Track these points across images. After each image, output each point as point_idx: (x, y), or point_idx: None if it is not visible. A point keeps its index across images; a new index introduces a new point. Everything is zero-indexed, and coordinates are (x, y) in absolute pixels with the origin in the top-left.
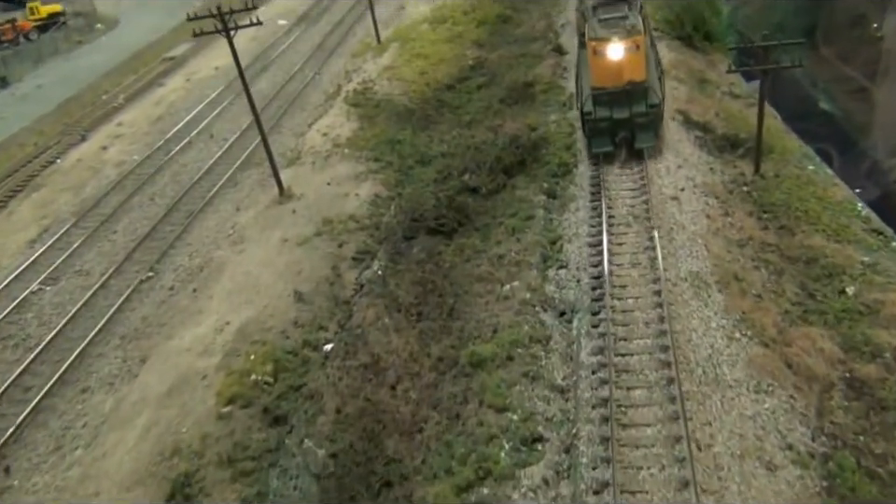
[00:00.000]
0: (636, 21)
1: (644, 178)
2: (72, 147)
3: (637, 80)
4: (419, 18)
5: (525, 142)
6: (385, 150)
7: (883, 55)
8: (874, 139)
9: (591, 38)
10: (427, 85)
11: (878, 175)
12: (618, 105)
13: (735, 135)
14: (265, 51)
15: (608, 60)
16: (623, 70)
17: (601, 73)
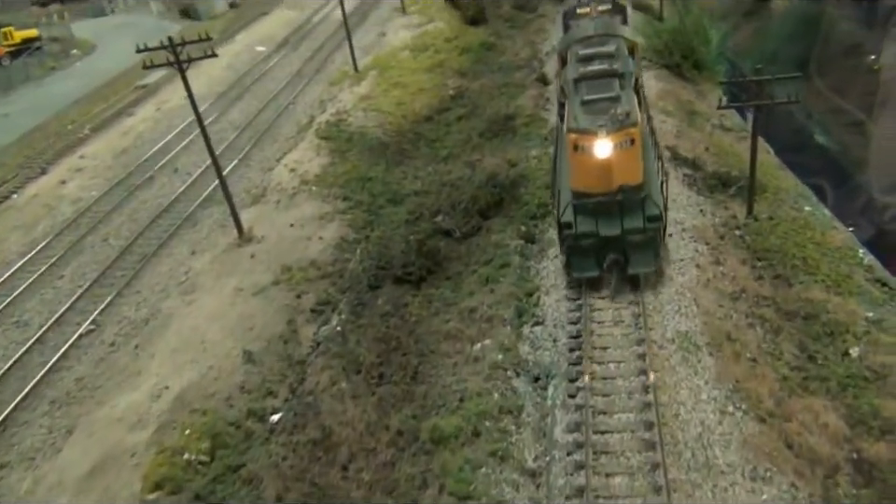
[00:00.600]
0: (629, 104)
1: None
2: (30, 181)
3: (632, 185)
4: (400, 45)
5: (504, 180)
6: (355, 188)
7: (880, 87)
8: (869, 175)
9: (571, 130)
10: (405, 117)
11: (873, 212)
12: (606, 217)
13: (727, 173)
14: (240, 79)
15: (593, 160)
16: (612, 172)
17: (584, 175)
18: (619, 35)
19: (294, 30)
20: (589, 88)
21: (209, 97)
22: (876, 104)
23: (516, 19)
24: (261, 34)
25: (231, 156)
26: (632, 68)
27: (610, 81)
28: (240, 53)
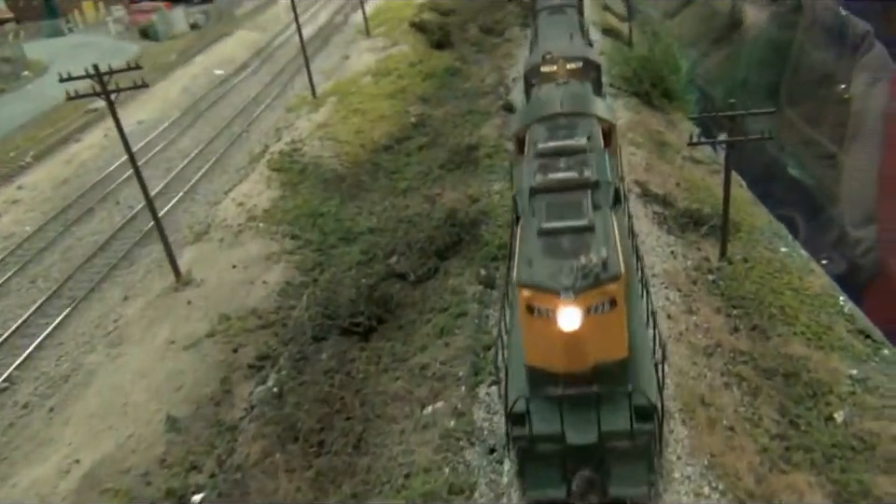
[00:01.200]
0: (606, 240)
1: None
2: None
3: (613, 361)
4: (363, 69)
5: (463, 217)
6: (306, 225)
7: (850, 118)
8: (841, 208)
9: (523, 284)
10: (363, 146)
11: (846, 246)
12: (576, 411)
13: (699, 210)
14: (196, 103)
15: (555, 330)
16: (583, 348)
17: (543, 349)
18: (592, 115)
19: (255, 52)
20: (550, 208)
21: (162, 121)
22: (847, 136)
23: (483, 43)
24: (221, 56)
25: (177, 187)
26: (608, 172)
27: (580, 198)
28: (197, 76)
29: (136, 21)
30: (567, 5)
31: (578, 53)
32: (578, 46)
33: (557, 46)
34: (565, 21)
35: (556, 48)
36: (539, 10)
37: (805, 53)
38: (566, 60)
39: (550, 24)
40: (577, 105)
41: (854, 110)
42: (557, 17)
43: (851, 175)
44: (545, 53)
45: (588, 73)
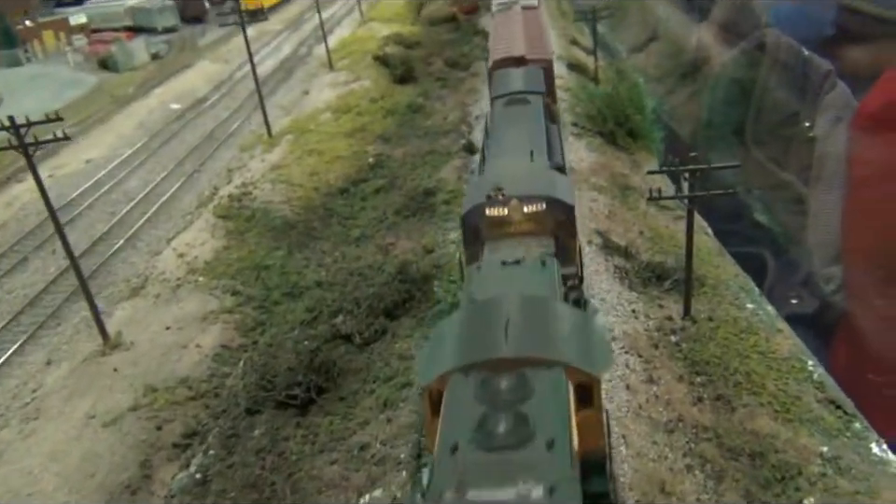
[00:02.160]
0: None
1: None
2: None
3: None
4: (322, 105)
5: (415, 272)
6: (249, 279)
7: (815, 160)
8: (810, 247)
9: None
10: (316, 189)
11: (815, 285)
12: None
13: (662, 264)
14: (149, 141)
15: None
16: None
17: None
18: (560, 363)
19: (215, 86)
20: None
21: (112, 160)
22: (812, 176)
23: (448, 77)
24: (180, 89)
25: (118, 234)
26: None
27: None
28: (153, 110)
29: (95, 52)
30: (532, 91)
31: (540, 188)
32: (541, 171)
33: (512, 170)
34: (527, 118)
35: (510, 174)
36: (494, 98)
37: (769, 92)
38: (521, 200)
39: (506, 123)
40: (535, 339)
41: (818, 152)
42: (517, 111)
43: (817, 215)
44: (493, 189)
45: (554, 218)
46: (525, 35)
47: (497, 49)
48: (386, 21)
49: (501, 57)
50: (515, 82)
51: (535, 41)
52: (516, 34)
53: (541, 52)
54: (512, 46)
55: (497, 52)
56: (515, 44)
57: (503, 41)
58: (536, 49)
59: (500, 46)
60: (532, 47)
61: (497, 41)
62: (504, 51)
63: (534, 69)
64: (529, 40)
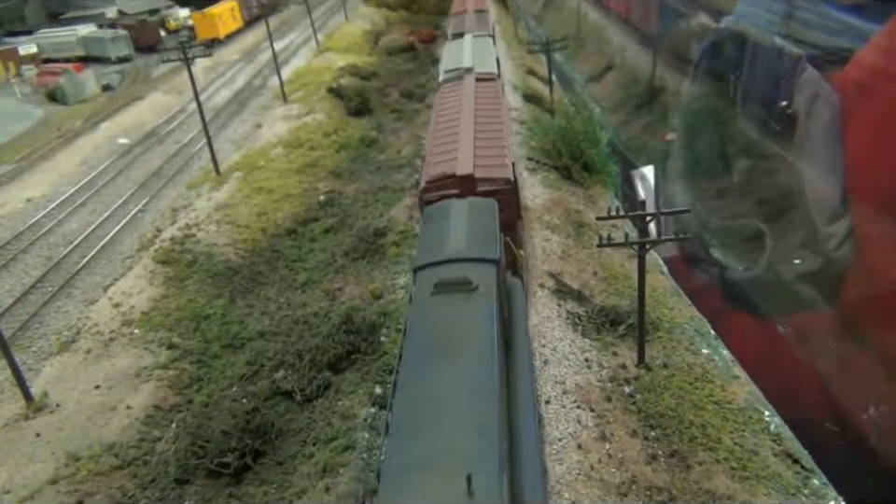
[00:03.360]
0: None
1: None
2: None
3: None
4: (274, 140)
5: (360, 322)
6: (187, 330)
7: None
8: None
9: None
10: (264, 230)
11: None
12: None
13: (616, 307)
14: (93, 178)
15: None
16: None
17: None
18: None
19: (166, 119)
20: None
21: (53, 199)
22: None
23: (404, 109)
24: (129, 122)
25: (53, 280)
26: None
27: None
28: (99, 146)
29: (44, 83)
30: (479, 258)
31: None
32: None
33: None
34: (467, 354)
35: None
36: (416, 272)
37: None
38: None
39: (424, 369)
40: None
41: (801, 128)
42: (449, 320)
43: (813, 181)
44: None
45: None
46: (476, 136)
47: (433, 161)
48: (343, 52)
49: (437, 176)
50: (452, 239)
51: (492, 145)
52: (463, 132)
53: (499, 167)
54: (458, 155)
55: (433, 166)
56: (461, 153)
57: (444, 144)
58: (492, 161)
59: (438, 152)
60: (487, 158)
61: (435, 142)
62: (442, 166)
63: (485, 204)
64: (484, 144)
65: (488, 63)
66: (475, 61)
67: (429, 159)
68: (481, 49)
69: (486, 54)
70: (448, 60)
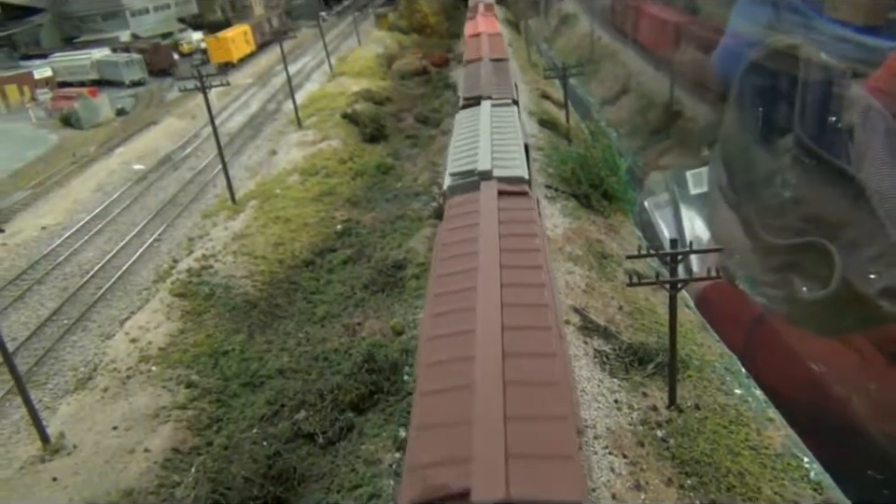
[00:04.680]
0: None
1: None
2: None
3: None
4: (289, 167)
5: (383, 361)
6: (205, 367)
7: (857, 147)
8: (878, 224)
9: None
10: (281, 262)
11: (892, 255)
12: None
13: (643, 344)
14: (108, 206)
15: None
16: None
17: None
18: None
19: (181, 144)
20: None
21: (68, 227)
22: (858, 164)
23: (419, 135)
24: (144, 148)
25: (69, 312)
26: None
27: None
28: (114, 172)
29: (58, 108)
30: None
31: None
32: None
33: None
34: None
35: None
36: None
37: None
38: None
39: None
40: None
41: (857, 139)
42: None
43: (882, 191)
44: None
45: None
46: (505, 322)
47: (429, 387)
48: (356, 76)
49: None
50: None
51: (530, 346)
52: (482, 310)
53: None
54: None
55: (427, 435)
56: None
57: (449, 325)
58: (535, 393)
59: (438, 356)
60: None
61: (435, 312)
62: (442, 436)
63: None
64: (517, 343)
65: (514, 159)
66: (496, 154)
67: (424, 361)
68: (503, 133)
69: (511, 140)
70: (458, 149)
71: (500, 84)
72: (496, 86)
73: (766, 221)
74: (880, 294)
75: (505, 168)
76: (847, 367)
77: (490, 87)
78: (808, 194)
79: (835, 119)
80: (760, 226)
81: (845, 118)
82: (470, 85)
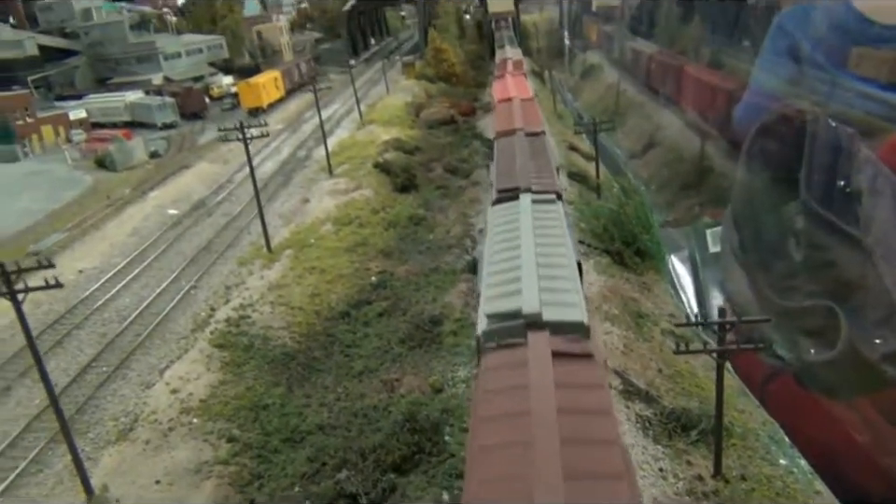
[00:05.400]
0: None
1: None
2: None
3: None
4: (322, 215)
5: (424, 420)
6: (246, 421)
7: (867, 213)
8: (883, 290)
9: None
10: (318, 313)
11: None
12: None
13: (686, 410)
14: (144, 250)
15: None
16: None
17: None
18: None
19: (213, 189)
20: None
21: (105, 271)
22: (865, 230)
23: (449, 185)
24: (177, 192)
25: (109, 360)
26: None
27: None
28: (149, 216)
29: (93, 150)
30: None
31: None
32: None
33: None
34: None
35: None
36: None
37: (791, 197)
38: None
39: None
40: None
41: (866, 206)
42: None
43: (887, 255)
44: None
45: None
46: None
47: None
48: (385, 124)
49: None
50: None
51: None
52: None
53: None
54: None
55: None
56: None
57: None
58: None
59: None
60: None
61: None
62: None
63: None
64: None
65: (568, 289)
66: (544, 282)
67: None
68: (550, 245)
69: (561, 258)
70: (495, 269)
71: (540, 170)
72: (535, 173)
73: (776, 283)
74: (883, 359)
75: (558, 306)
76: (852, 432)
77: (528, 174)
78: (817, 257)
79: (844, 182)
80: (769, 287)
81: (853, 181)
82: (505, 171)
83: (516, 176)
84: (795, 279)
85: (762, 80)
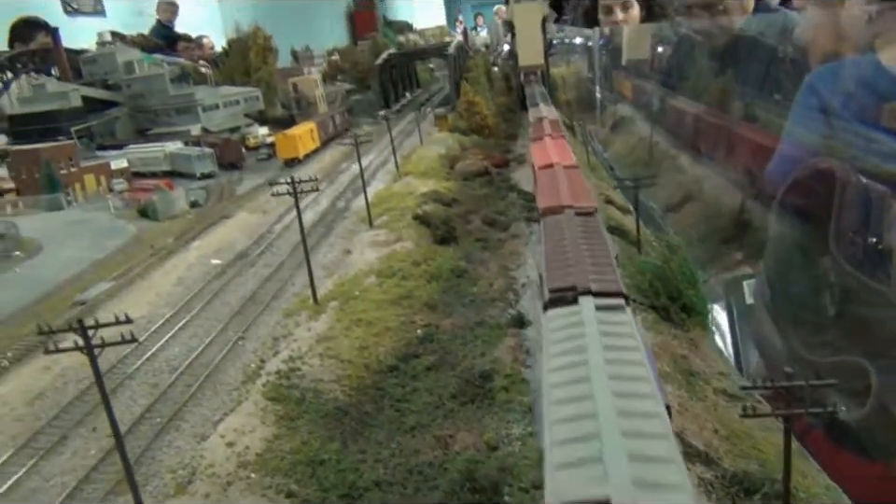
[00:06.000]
0: None
1: None
2: None
3: None
4: (366, 268)
5: (482, 479)
6: (304, 476)
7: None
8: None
9: None
10: (367, 366)
11: None
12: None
13: (746, 472)
14: (190, 300)
15: None
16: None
17: None
18: None
19: (255, 240)
20: None
21: (153, 321)
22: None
23: (488, 238)
24: (219, 242)
25: (162, 411)
26: None
27: None
28: (193, 266)
29: (135, 199)
30: None
31: None
32: None
33: None
34: None
35: None
36: None
37: (823, 254)
38: None
39: None
40: None
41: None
42: None
43: None
44: None
45: None
46: None
47: None
48: (422, 176)
49: None
50: None
51: None
52: None
53: None
54: None
55: None
56: None
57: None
58: None
59: None
60: None
61: None
62: None
63: None
64: None
65: (662, 457)
66: (631, 448)
67: None
68: (628, 382)
69: (646, 399)
70: (561, 433)
71: (598, 262)
72: (592, 267)
73: (806, 337)
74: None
75: (656, 489)
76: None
77: (585, 268)
78: (848, 313)
79: (875, 240)
80: (799, 341)
81: (885, 239)
82: (557, 262)
83: (572, 270)
84: (825, 334)
85: (794, 135)
